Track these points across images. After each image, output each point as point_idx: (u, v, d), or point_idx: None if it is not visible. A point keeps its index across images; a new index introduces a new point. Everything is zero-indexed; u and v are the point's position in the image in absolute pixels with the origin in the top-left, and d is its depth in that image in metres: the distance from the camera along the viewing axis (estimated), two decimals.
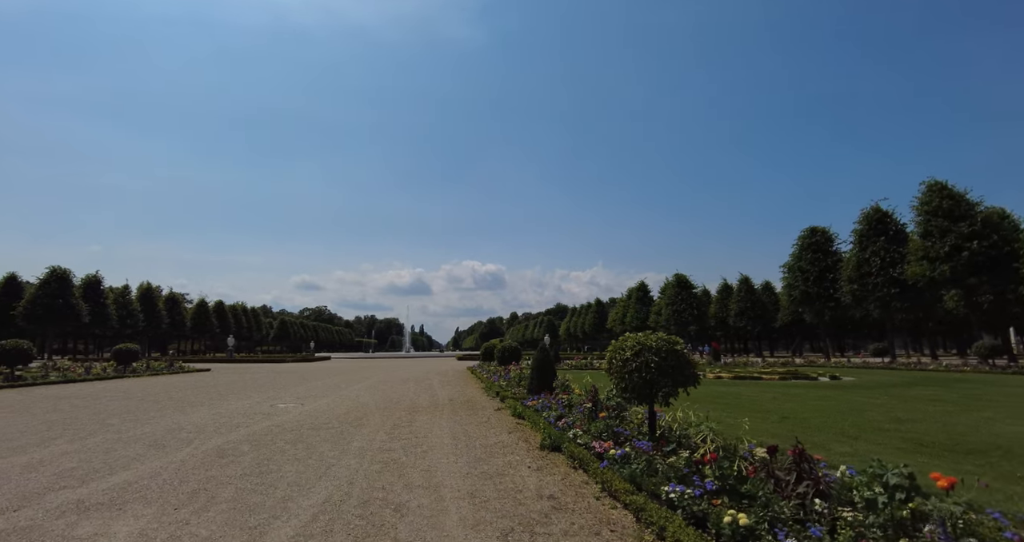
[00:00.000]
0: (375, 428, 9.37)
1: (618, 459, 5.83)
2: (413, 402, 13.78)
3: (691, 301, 64.56)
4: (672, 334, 6.75)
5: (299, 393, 16.53)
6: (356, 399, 14.60)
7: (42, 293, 56.84)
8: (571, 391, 11.30)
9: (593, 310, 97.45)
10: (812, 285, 41.43)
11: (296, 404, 13.43)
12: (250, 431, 9.05)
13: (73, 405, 13.21)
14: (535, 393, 12.91)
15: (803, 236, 43.58)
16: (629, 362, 6.61)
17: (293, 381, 22.38)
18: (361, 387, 18.84)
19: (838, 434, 8.54)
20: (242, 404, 13.43)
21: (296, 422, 10.12)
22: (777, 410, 11.71)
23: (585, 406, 8.49)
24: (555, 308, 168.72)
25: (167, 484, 5.60)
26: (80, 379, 22.13)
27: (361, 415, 11.18)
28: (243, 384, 20.68)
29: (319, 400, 14.39)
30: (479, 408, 12.36)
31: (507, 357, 21.44)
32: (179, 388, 18.54)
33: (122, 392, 16.79)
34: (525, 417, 9.97)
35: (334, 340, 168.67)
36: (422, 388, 18.22)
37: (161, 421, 10.30)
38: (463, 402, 13.80)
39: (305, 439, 8.24)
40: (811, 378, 22.30)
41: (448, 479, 5.84)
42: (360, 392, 16.82)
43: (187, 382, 21.86)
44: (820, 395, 14.96)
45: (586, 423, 7.98)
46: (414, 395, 15.68)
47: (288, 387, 19.06)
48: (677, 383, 6.57)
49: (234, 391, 17.36)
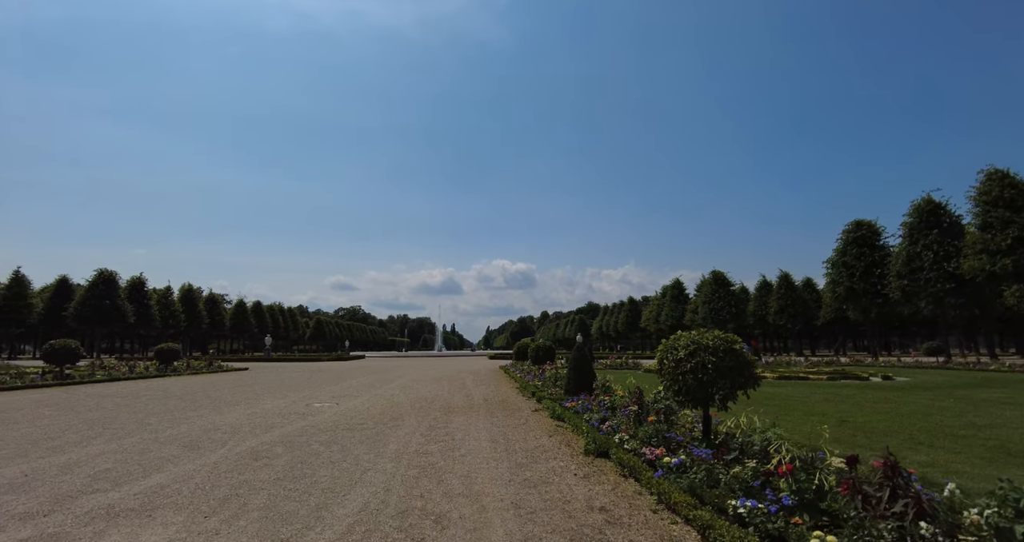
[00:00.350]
0: (411, 429, 9.08)
1: (674, 468, 5.36)
2: (448, 402, 13.50)
3: (729, 299, 62.81)
4: None
5: (334, 392, 16.48)
6: (391, 399, 14.42)
7: (90, 295, 59.17)
8: (612, 392, 10.81)
9: (626, 309, 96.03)
10: (858, 281, 39.63)
11: (331, 403, 13.31)
12: (284, 432, 8.87)
13: (115, 404, 13.38)
14: (573, 394, 12.47)
15: (848, 230, 41.73)
16: (683, 362, 6.12)
17: (328, 380, 22.46)
18: (395, 386, 18.71)
19: (909, 441, 7.84)
20: (278, 403, 13.39)
21: (331, 423, 9.93)
22: (833, 413, 10.97)
23: (631, 409, 8.01)
24: (586, 307, 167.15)
25: (199, 489, 5.39)
26: (124, 378, 22.67)
27: (396, 415, 10.93)
28: (279, 383, 20.83)
29: (354, 400, 14.25)
30: (515, 409, 11.99)
31: (541, 356, 21.00)
32: (217, 387, 18.75)
33: (162, 391, 17.04)
34: (565, 419, 9.54)
35: (368, 339, 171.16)
36: (456, 387, 17.96)
37: (198, 421, 10.26)
38: (498, 402, 13.45)
39: (340, 441, 8.00)
40: (861, 378, 21.17)
41: (490, 487, 5.46)
42: (394, 391, 16.66)
43: (225, 381, 22.17)
44: (877, 397, 14.06)
45: (632, 427, 7.51)
46: (448, 395, 15.42)
47: (323, 386, 19.08)
48: (736, 385, 6.05)
49: (270, 390, 17.44)
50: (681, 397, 6.33)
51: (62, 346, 20.52)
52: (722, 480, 4.92)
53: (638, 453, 6.31)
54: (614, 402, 9.34)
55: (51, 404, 13.28)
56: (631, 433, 7.27)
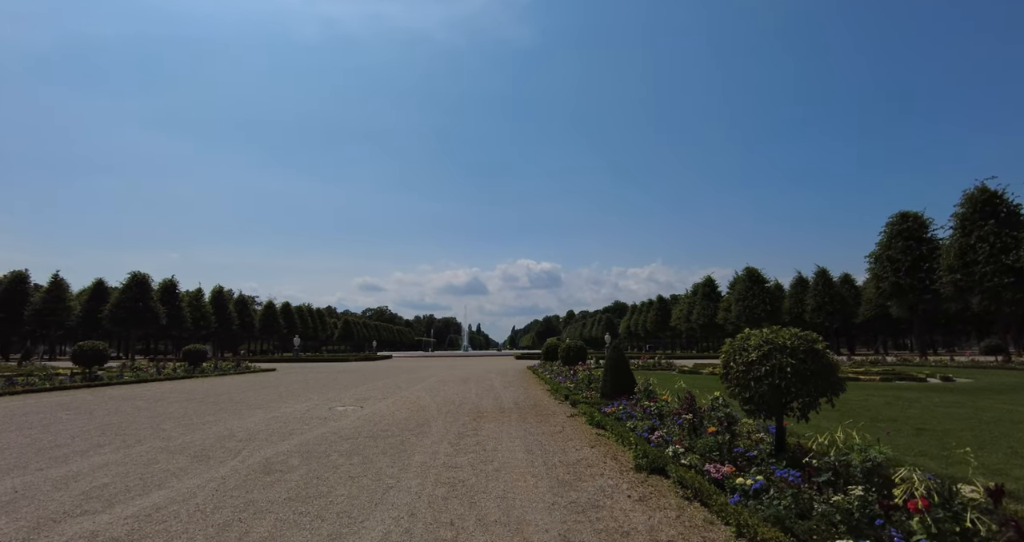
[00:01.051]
0: (438, 437, 8.34)
1: (753, 492, 4.47)
2: (476, 405, 12.75)
3: (763, 296, 60.75)
4: (741, 330, 5.50)
5: (359, 394, 15.90)
6: (417, 401, 13.74)
7: (124, 297, 60.34)
8: (656, 397, 9.88)
9: (655, 307, 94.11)
10: (904, 276, 37.53)
11: (355, 407, 12.70)
12: (303, 440, 8.22)
13: (135, 407, 13.01)
14: (610, 398, 11.59)
15: (892, 222, 39.56)
16: (755, 366, 5.21)
17: (354, 381, 21.98)
18: (421, 388, 18.07)
19: (1010, 455, 6.75)
20: (300, 407, 12.83)
21: (353, 429, 9.26)
22: (903, 419, 9.84)
23: (684, 417, 7.10)
24: (613, 306, 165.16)
25: (198, 511, 4.71)
26: (152, 379, 22.59)
27: (422, 421, 10.22)
28: (305, 384, 20.41)
29: (379, 402, 13.62)
30: (549, 414, 11.16)
31: (572, 357, 20.10)
32: (241, 389, 18.39)
33: (186, 393, 16.72)
34: (606, 427, 8.67)
35: (395, 339, 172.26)
36: (484, 389, 17.22)
37: (214, 427, 9.71)
38: (530, 406, 12.65)
39: (361, 450, 7.29)
40: (918, 379, 19.71)
41: (531, 512, 4.66)
42: (421, 393, 16.00)
43: (251, 382, 21.87)
44: (946, 401, 12.79)
45: (687, 438, 6.62)
46: (476, 398, 14.67)
47: (349, 387, 18.56)
48: (819, 391, 5.12)
49: (295, 392, 16.97)
50: (751, 405, 5.42)
51: (90, 348, 20.47)
52: (816, 510, 4.02)
53: (700, 470, 5.43)
54: (661, 408, 8.44)
55: (72, 407, 12.97)
56: (686, 445, 6.39)
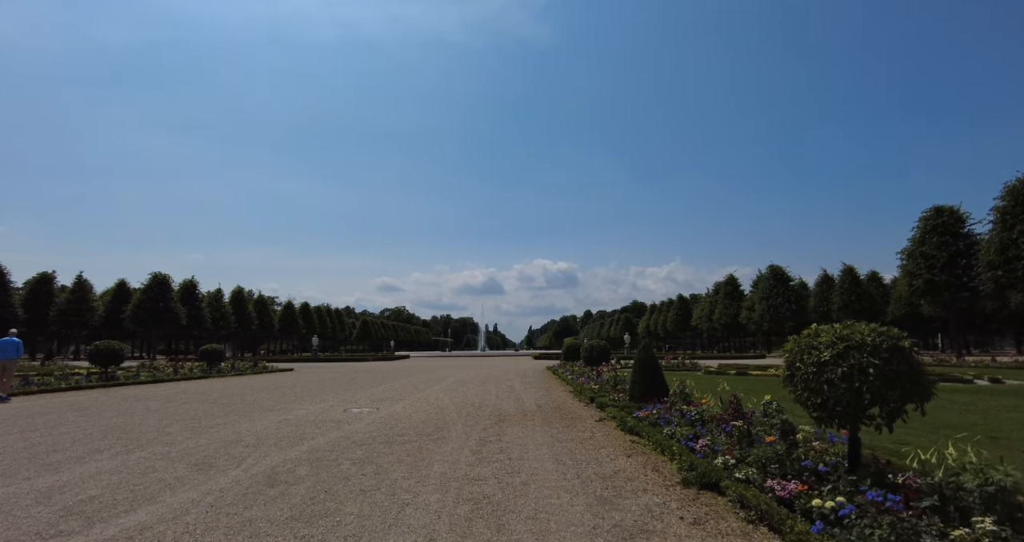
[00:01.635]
0: (458, 444, 7.70)
1: (838, 518, 3.73)
2: (497, 407, 12.10)
3: (788, 294, 59.20)
4: (766, 330, 4.83)
5: (376, 395, 15.36)
6: (435, 403, 13.14)
7: (145, 298, 61.01)
8: (693, 400, 9.12)
9: (675, 307, 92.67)
10: (939, 272, 35.97)
11: (371, 409, 12.13)
12: (313, 445, 7.65)
13: (145, 408, 12.61)
14: (640, 400, 10.85)
15: (926, 217, 37.97)
16: (829, 367, 4.45)
17: (371, 381, 21.50)
18: (440, 388, 17.48)
19: None
20: (314, 409, 12.31)
21: (368, 433, 8.67)
22: (967, 426, 8.94)
23: (733, 425, 6.35)
24: (631, 305, 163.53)
25: (187, 533, 4.12)
26: (168, 379, 22.37)
27: (441, 424, 9.60)
28: (320, 385, 19.97)
29: (396, 404, 13.05)
30: (575, 418, 10.45)
31: (595, 357, 19.33)
32: (256, 389, 17.99)
33: (199, 394, 16.35)
34: (641, 433, 7.94)
35: (412, 339, 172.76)
36: (504, 390, 16.57)
37: (222, 430, 9.20)
38: (554, 409, 11.96)
39: (375, 459, 6.68)
40: (964, 380, 18.56)
41: (570, 537, 3.97)
42: (439, 394, 15.41)
43: (266, 383, 21.51)
44: (1005, 404, 11.81)
45: (737, 447, 5.88)
46: (497, 399, 14.02)
47: (365, 388, 18.05)
48: (907, 396, 4.35)
49: (310, 393, 16.50)
50: (821, 412, 4.67)
51: (107, 347, 20.29)
52: None
53: (761, 486, 4.70)
54: (702, 413, 7.69)
55: (81, 408, 12.62)
56: (737, 456, 5.66)
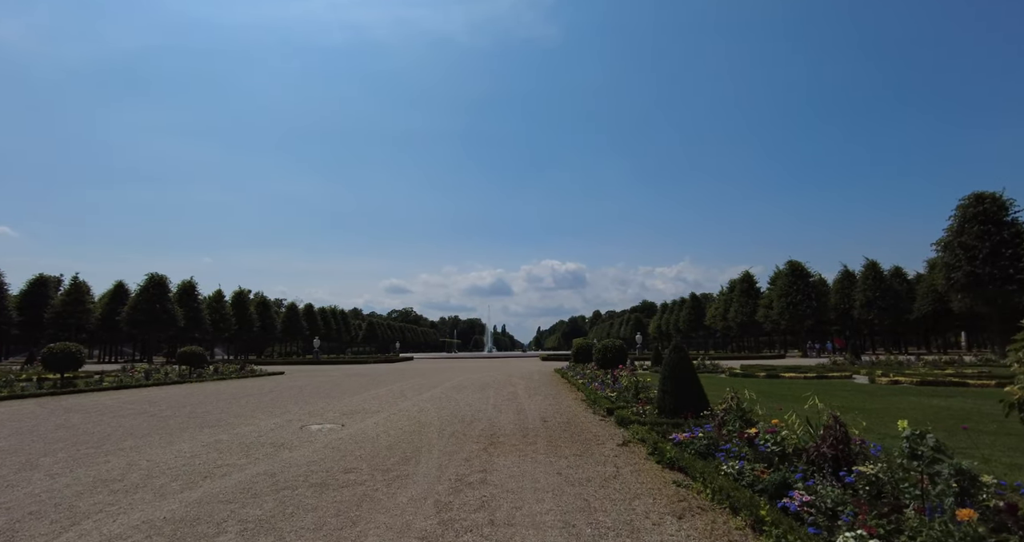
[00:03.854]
0: (423, 488, 5.30)
1: None
2: (492, 423, 9.69)
3: (808, 291, 56.27)
4: (783, 328, 3.32)
5: (352, 405, 13.01)
6: (416, 417, 10.75)
7: (141, 299, 59.15)
8: (750, 418, 6.63)
9: (688, 306, 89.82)
10: (981, 264, 33.09)
11: (335, 425, 9.78)
12: (210, 491, 5.27)
13: (60, 424, 10.32)
14: (673, 415, 8.44)
15: (965, 205, 35.01)
16: None
17: (358, 387, 19.15)
18: (430, 396, 15.10)
19: None
20: (266, 424, 9.96)
21: (305, 467, 6.28)
22: None
23: (858, 471, 3.90)
24: (641, 305, 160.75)
25: None
26: (135, 385, 20.15)
27: (413, 450, 7.20)
28: (299, 391, 17.66)
29: (368, 418, 10.68)
30: (590, 440, 8.02)
31: (610, 358, 16.79)
32: (221, 398, 15.71)
33: (150, 403, 14.08)
34: (688, 470, 5.50)
35: (419, 341, 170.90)
36: (504, 398, 14.16)
37: (118, 458, 6.86)
38: (562, 424, 9.54)
39: (279, 523, 4.29)
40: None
41: None
42: (426, 404, 13.03)
43: (241, 389, 19.23)
44: None
45: (871, 514, 3.43)
46: (493, 411, 11.63)
47: (346, 395, 15.71)
48: None
49: (278, 402, 14.18)
50: None
51: (61, 350, 18.12)
52: None
53: None
54: (783, 441, 5.22)
55: None
56: (879, 525, 3.22)
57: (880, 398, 13.04)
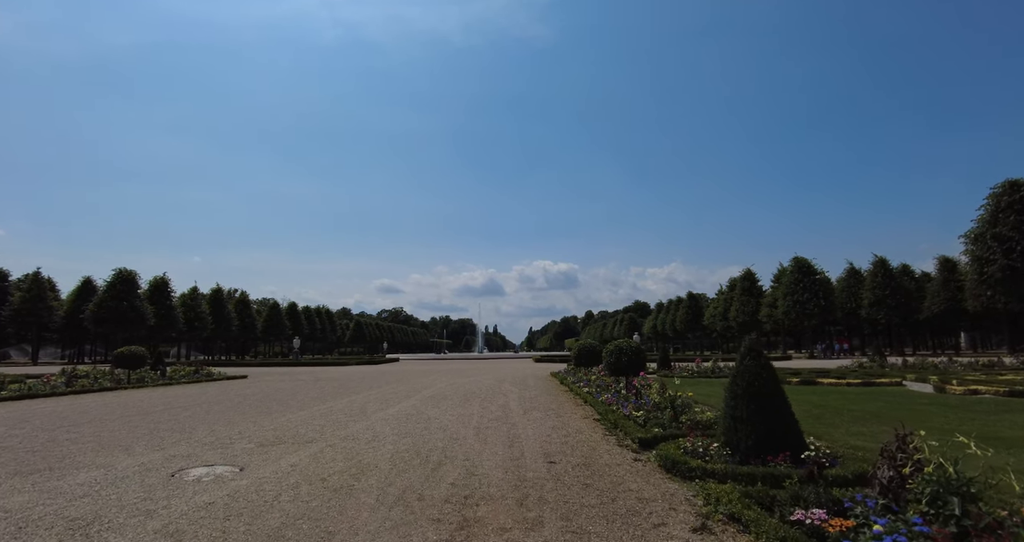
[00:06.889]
0: None
1: None
2: (469, 468, 6.32)
3: (815, 289, 53.29)
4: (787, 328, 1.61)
5: (284, 428, 9.57)
6: (359, 454, 7.34)
7: (108, 296, 55.09)
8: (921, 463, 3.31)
9: (684, 305, 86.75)
10: (1019, 257, 30.12)
11: (231, 468, 6.39)
12: None
13: None
14: (751, 456, 5.20)
15: (998, 194, 32.00)
16: None
17: (315, 397, 15.68)
18: (396, 412, 11.72)
19: None
20: (124, 466, 6.53)
21: None
22: None
23: None
24: (634, 305, 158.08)
25: None
26: (45, 394, 16.62)
27: None
28: (235, 404, 14.18)
29: (288, 455, 7.26)
30: (634, 509, 4.66)
31: (625, 364, 13.34)
32: (125, 413, 12.22)
33: (19, 422, 10.58)
34: None
35: (409, 341, 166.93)
36: (492, 417, 10.80)
37: None
38: (577, 468, 6.20)
39: None
40: None
41: None
42: (384, 427, 9.64)
43: (168, 400, 15.68)
44: None
45: None
46: (475, 440, 8.26)
47: (289, 410, 12.27)
48: None
49: (192, 421, 10.72)
50: None
51: None
52: None
53: None
54: None
55: None
56: None
57: (994, 418, 9.77)
